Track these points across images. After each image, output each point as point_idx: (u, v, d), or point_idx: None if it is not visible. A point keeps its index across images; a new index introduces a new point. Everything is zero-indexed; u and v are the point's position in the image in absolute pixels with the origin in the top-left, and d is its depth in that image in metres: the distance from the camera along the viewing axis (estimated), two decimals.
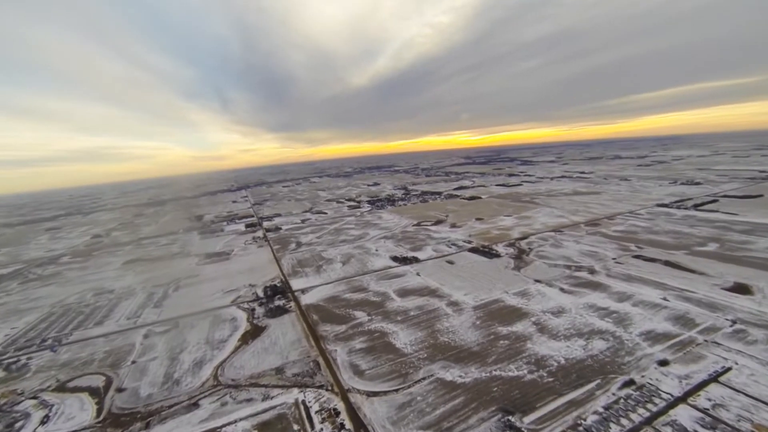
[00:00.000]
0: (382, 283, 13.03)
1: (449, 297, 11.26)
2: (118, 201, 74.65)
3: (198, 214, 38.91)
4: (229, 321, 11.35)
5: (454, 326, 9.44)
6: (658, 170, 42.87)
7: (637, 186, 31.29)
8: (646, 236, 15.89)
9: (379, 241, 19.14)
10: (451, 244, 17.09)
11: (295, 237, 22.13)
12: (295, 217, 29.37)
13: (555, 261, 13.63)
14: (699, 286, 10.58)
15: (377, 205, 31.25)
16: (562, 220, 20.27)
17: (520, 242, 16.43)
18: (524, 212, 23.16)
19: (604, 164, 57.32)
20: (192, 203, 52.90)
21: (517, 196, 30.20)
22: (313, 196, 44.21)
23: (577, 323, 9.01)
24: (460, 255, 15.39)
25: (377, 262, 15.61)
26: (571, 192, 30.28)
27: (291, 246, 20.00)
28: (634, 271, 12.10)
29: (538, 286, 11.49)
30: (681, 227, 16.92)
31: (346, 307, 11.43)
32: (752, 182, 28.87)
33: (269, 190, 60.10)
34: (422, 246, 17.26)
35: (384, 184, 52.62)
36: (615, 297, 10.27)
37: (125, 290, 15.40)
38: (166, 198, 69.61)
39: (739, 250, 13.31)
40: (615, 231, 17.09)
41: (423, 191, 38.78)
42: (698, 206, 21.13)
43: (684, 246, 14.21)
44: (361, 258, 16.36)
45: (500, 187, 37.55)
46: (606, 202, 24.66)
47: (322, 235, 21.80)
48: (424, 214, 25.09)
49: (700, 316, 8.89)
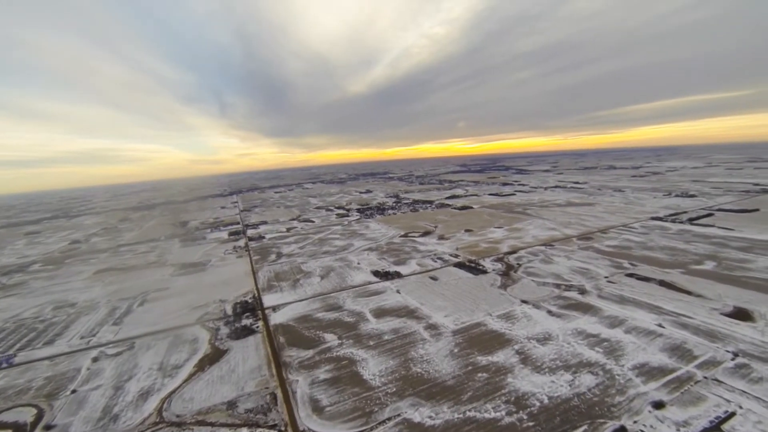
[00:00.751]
0: (359, 301, 12.16)
1: (428, 319, 10.41)
2: (107, 204, 73.30)
3: (184, 219, 37.89)
4: (189, 342, 10.42)
5: (430, 354, 8.59)
6: (653, 181, 42.47)
7: (632, 197, 30.73)
8: (640, 252, 15.17)
9: (363, 253, 18.28)
10: (436, 258, 16.27)
11: (277, 247, 21.23)
12: (280, 225, 28.47)
13: (544, 279, 12.83)
14: (697, 311, 9.81)
15: (366, 214, 30.44)
16: (554, 233, 19.54)
17: (508, 257, 15.65)
18: (515, 224, 22.42)
19: (599, 174, 56.99)
20: (181, 208, 51.82)
21: (510, 206, 29.52)
22: (303, 203, 43.34)
23: (564, 353, 8.19)
24: (445, 270, 14.57)
25: (357, 276, 14.74)
26: (564, 203, 29.65)
27: (271, 257, 19.09)
28: (627, 291, 11.33)
29: (524, 307, 10.68)
30: (676, 243, 16.23)
31: (317, 328, 10.54)
32: (747, 195, 28.38)
33: (260, 196, 59.14)
34: (406, 259, 16.42)
35: (376, 191, 51.86)
36: (606, 322, 9.47)
37: (88, 304, 14.41)
38: (156, 202, 68.44)
39: (738, 270, 12.60)
40: (608, 246, 16.36)
41: (414, 200, 38.04)
42: (693, 220, 20.50)
43: (680, 264, 13.49)
44: (341, 272, 15.49)
45: (493, 196, 36.88)
46: (600, 214, 24.01)
47: (304, 246, 20.92)
48: (412, 225, 24.29)
49: (699, 347, 8.10)
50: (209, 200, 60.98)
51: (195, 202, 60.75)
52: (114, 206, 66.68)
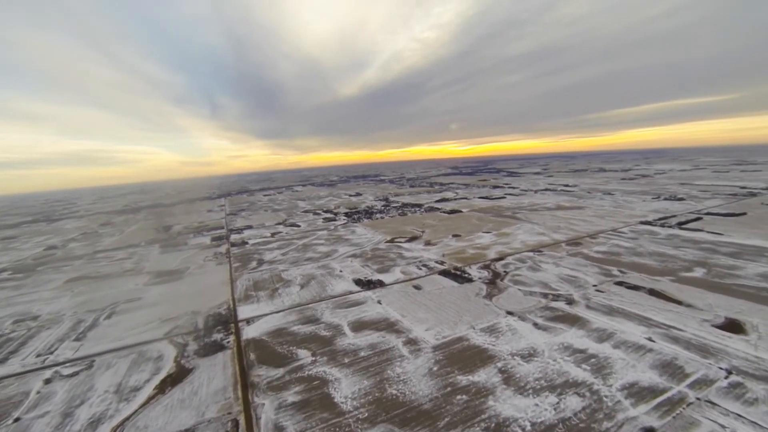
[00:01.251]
0: (338, 313, 11.56)
1: (408, 333, 9.85)
2: (92, 207, 71.59)
3: (168, 224, 36.89)
4: (153, 360, 9.71)
5: (407, 373, 8.02)
6: (642, 184, 42.56)
7: (621, 201, 30.60)
8: (629, 258, 14.81)
9: (347, 260, 17.68)
10: (421, 265, 15.73)
11: (259, 253, 20.51)
12: (265, 230, 27.72)
13: (531, 288, 12.36)
14: (687, 322, 9.40)
15: (354, 218, 29.84)
16: (542, 238, 19.15)
17: (495, 264, 15.17)
18: (504, 228, 22.01)
19: (589, 177, 57.15)
20: (167, 211, 50.67)
21: (499, 210, 29.15)
22: (291, 207, 42.57)
23: (549, 372, 7.68)
24: (429, 279, 14.04)
25: (339, 285, 14.13)
26: (554, 206, 29.38)
27: (251, 264, 18.38)
28: (616, 301, 10.90)
29: (509, 319, 10.18)
30: (665, 248, 15.92)
31: (290, 343, 9.91)
32: (734, 199, 28.41)
33: (249, 199, 58.18)
34: (390, 267, 15.86)
35: (366, 194, 51.27)
36: (594, 336, 9.00)
37: (52, 317, 13.57)
38: (142, 205, 67.02)
39: (728, 277, 12.27)
40: (597, 252, 15.99)
41: (404, 203, 37.53)
42: (682, 224, 20.29)
43: (669, 271, 13.13)
44: (323, 280, 14.87)
45: (483, 200, 36.55)
46: (589, 218, 23.73)
47: (287, 252, 20.24)
48: (399, 230, 23.75)
49: (691, 363, 7.66)
50: (197, 203, 59.82)
51: (182, 205, 59.55)
52: (99, 209, 65.09)
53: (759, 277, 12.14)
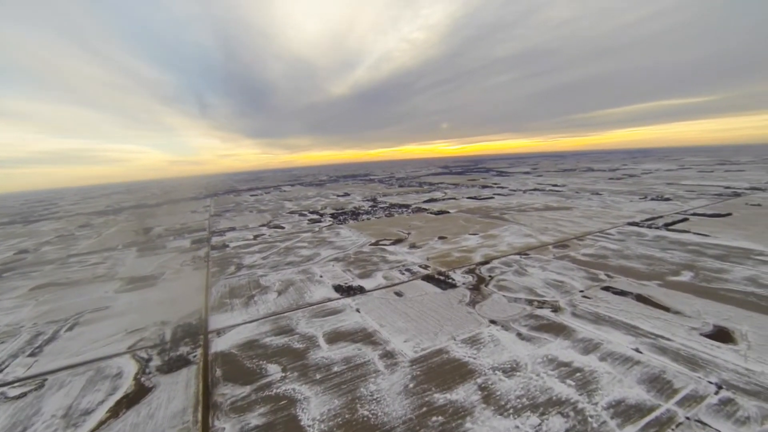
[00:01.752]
0: (314, 323, 10.97)
1: (386, 344, 9.31)
2: (73, 208, 69.58)
3: (149, 225, 35.78)
4: (111, 378, 9.00)
5: (382, 391, 7.48)
6: (629, 184, 42.73)
7: (609, 201, 30.52)
8: (616, 262, 14.50)
9: (328, 264, 17.08)
10: (405, 270, 15.21)
11: (239, 257, 19.78)
12: (248, 232, 26.94)
13: (516, 294, 11.93)
14: (675, 331, 9.04)
15: (339, 219, 29.21)
16: (529, 240, 18.80)
17: (480, 268, 14.73)
18: (491, 230, 21.63)
19: (577, 177, 57.36)
20: (149, 212, 49.34)
21: (487, 210, 28.81)
22: (277, 207, 41.73)
23: (532, 388, 7.21)
24: (411, 284, 13.52)
25: (317, 292, 13.53)
26: (542, 207, 29.15)
27: (230, 269, 17.66)
28: (603, 308, 10.52)
29: (492, 329, 9.71)
30: (653, 251, 15.66)
31: (261, 357, 9.30)
32: (719, 199, 28.53)
33: (235, 199, 57.07)
34: (373, 272, 15.31)
35: (354, 194, 50.63)
36: (580, 347, 8.57)
37: (10, 329, 12.70)
38: (126, 205, 65.34)
39: (715, 281, 12.00)
40: (584, 255, 15.66)
41: (391, 204, 37.01)
42: (669, 226, 20.13)
43: (657, 275, 12.83)
44: (302, 286, 14.25)
45: (471, 200, 36.22)
46: (577, 219, 23.49)
47: (268, 256, 19.54)
48: (384, 231, 23.21)
49: (679, 377, 7.26)
50: (181, 204, 58.49)
51: (166, 205, 58.17)
52: (80, 210, 63.26)
53: (746, 281, 11.89)
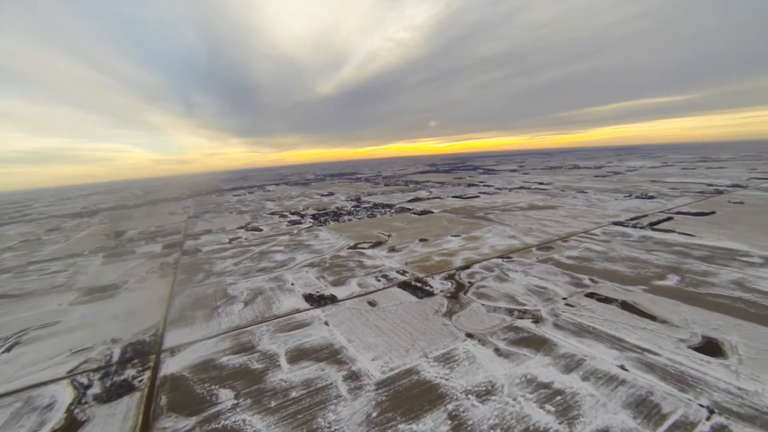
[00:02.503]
0: (278, 338, 10.08)
1: (352, 363, 8.48)
2: (47, 210, 66.93)
3: (122, 228, 34.25)
4: (40, 411, 7.97)
5: (341, 421, 6.66)
6: (614, 181, 42.72)
7: (594, 199, 30.23)
8: (601, 265, 13.95)
9: (303, 269, 16.17)
10: (381, 276, 14.41)
11: (211, 263, 18.70)
12: (225, 235, 25.79)
13: (496, 302, 11.23)
14: (663, 343, 8.43)
15: (320, 221, 28.26)
16: (513, 242, 18.18)
17: (460, 274, 14.01)
18: (475, 231, 20.97)
19: (563, 174, 57.37)
20: (126, 214, 47.53)
21: (471, 210, 28.20)
22: (258, 208, 40.50)
23: (507, 416, 6.48)
24: (386, 293, 12.72)
25: (287, 302, 12.63)
26: (527, 206, 28.68)
27: (198, 276, 16.60)
28: (586, 317, 9.88)
29: (468, 344, 8.97)
30: (638, 252, 15.18)
31: (214, 380, 8.38)
32: (702, 197, 28.47)
33: (217, 200, 55.49)
34: (347, 279, 14.46)
35: (338, 194, 49.62)
36: (561, 364, 7.89)
37: None
38: (103, 207, 63.09)
39: (702, 285, 11.50)
40: (568, 257, 15.08)
41: (375, 203, 36.18)
42: (654, 225, 19.76)
43: (642, 279, 12.28)
44: (271, 296, 13.33)
45: (456, 199, 35.61)
46: (562, 218, 23.02)
47: (241, 261, 18.52)
48: (365, 234, 22.37)
49: (668, 400, 6.61)
50: (161, 205, 56.66)
51: (145, 207, 56.26)
52: (53, 212, 60.81)
53: (733, 285, 11.41)
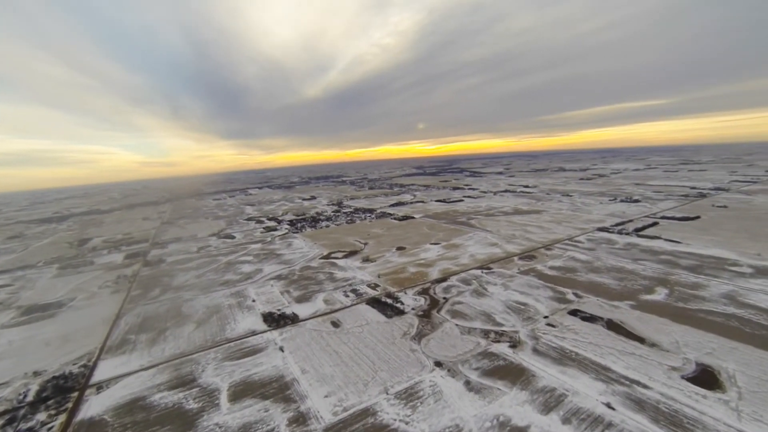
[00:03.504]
0: (224, 369, 8.84)
1: (302, 402, 7.31)
2: (16, 215, 63.79)
3: (88, 236, 32.33)
4: None
5: None
6: (599, 185, 42.46)
7: (579, 203, 29.66)
8: (586, 276, 13.07)
9: (268, 283, 14.92)
10: (350, 291, 13.26)
11: (171, 276, 17.28)
12: (194, 243, 24.30)
13: (471, 322, 10.19)
14: (653, 372, 7.49)
15: (297, 227, 26.98)
16: (494, 250, 17.25)
17: (436, 287, 12.96)
18: (455, 238, 20.00)
19: (549, 177, 57.17)
20: (97, 220, 45.32)
21: (454, 215, 27.28)
22: (236, 213, 38.92)
23: None
24: (354, 310, 11.57)
25: (244, 322, 11.38)
26: (511, 210, 27.90)
27: (154, 292, 15.19)
28: (569, 340, 8.91)
29: (436, 375, 7.89)
30: (624, 261, 14.38)
31: (140, 426, 7.11)
32: (686, 200, 28.14)
33: (196, 204, 53.55)
34: (314, 294, 13.27)
35: (321, 197, 48.30)
36: (540, 401, 6.86)
37: None
38: (76, 211, 60.43)
39: (692, 300, 10.68)
40: (551, 268, 14.19)
41: (356, 208, 35.02)
42: (639, 231, 19.09)
43: (629, 293, 11.42)
44: (227, 315, 12.05)
45: (439, 203, 34.71)
46: (546, 224, 22.24)
47: (204, 274, 17.14)
48: (341, 241, 21.19)
49: None
50: (137, 209, 54.46)
51: (119, 211, 53.95)
52: (22, 217, 57.90)
53: (725, 299, 10.62)
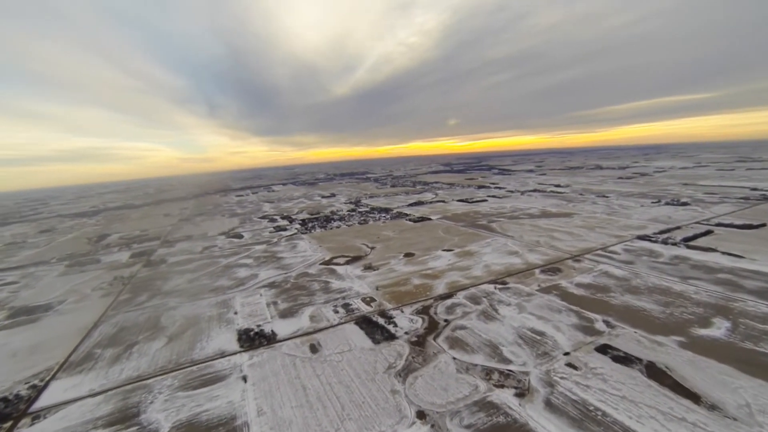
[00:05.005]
0: (175, 401, 7.57)
1: None
2: (59, 208, 67.46)
3: (109, 232, 32.90)
4: None
5: None
6: (640, 184, 38.53)
7: (616, 205, 26.58)
8: (620, 299, 10.82)
9: (258, 291, 13.69)
10: (342, 305, 11.72)
11: (166, 279, 16.51)
12: (201, 243, 23.72)
13: (473, 355, 8.37)
14: None
15: (307, 227, 25.83)
16: (513, 260, 15.16)
17: (438, 305, 11.17)
18: (471, 244, 18.00)
19: (583, 176, 53.11)
20: (125, 215, 46.64)
21: (474, 217, 25.13)
22: (253, 210, 38.52)
23: None
24: (339, 331, 10.03)
25: (216, 340, 10.14)
26: (538, 213, 25.36)
27: (142, 297, 14.39)
28: (594, 391, 6.92)
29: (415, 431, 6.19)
30: (670, 280, 11.94)
31: None
32: (746, 204, 24.41)
33: (218, 200, 54.11)
34: (302, 307, 11.85)
35: (340, 195, 47.17)
36: None
37: None
38: (111, 206, 63.05)
39: (765, 340, 8.29)
40: (579, 285, 12.00)
41: (372, 207, 33.47)
42: (689, 241, 16.30)
43: (677, 325, 9.15)
44: (203, 329, 10.88)
45: (461, 203, 32.50)
46: (576, 229, 19.72)
47: (199, 278, 16.23)
48: (347, 245, 19.72)
49: None
50: (164, 205, 55.81)
51: (148, 207, 55.54)
52: (63, 211, 61.02)
53: None
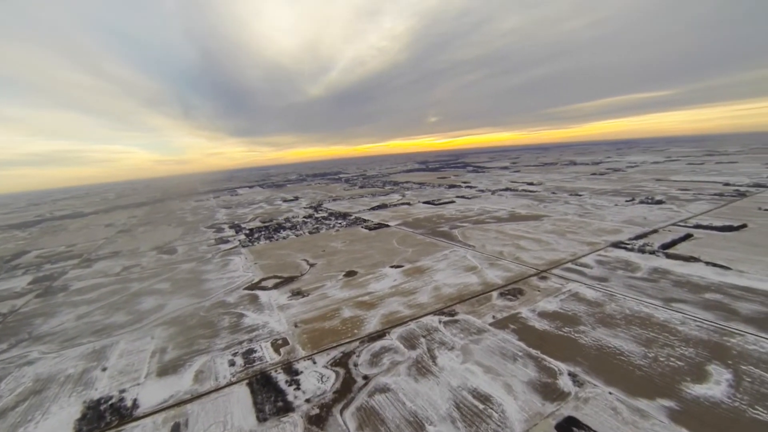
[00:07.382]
0: None
1: None
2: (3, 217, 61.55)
3: (30, 248, 28.96)
4: None
5: None
6: (613, 181, 37.35)
7: (589, 205, 24.86)
8: (591, 335, 8.61)
9: (152, 332, 10.86)
10: (243, 353, 9.05)
11: (53, 314, 13.40)
12: (125, 261, 20.49)
13: None
14: None
15: (253, 238, 22.94)
16: (469, 279, 12.86)
17: (363, 351, 8.65)
18: (425, 257, 15.64)
19: (557, 172, 51.98)
20: (62, 226, 42.17)
21: (436, 222, 22.83)
22: (205, 218, 35.14)
23: None
24: (221, 399, 7.34)
25: (51, 420, 7.30)
26: (506, 216, 23.31)
27: (9, 341, 11.29)
28: None
29: None
30: (651, 305, 9.86)
31: None
32: (722, 201, 23.08)
33: (174, 206, 50.09)
34: (193, 356, 9.12)
35: (304, 198, 44.15)
36: None
37: None
38: (57, 215, 57.77)
39: None
40: (542, 315, 9.76)
41: (331, 213, 30.74)
42: (668, 248, 14.44)
43: (663, 378, 6.95)
44: (43, 401, 8.00)
45: (427, 205, 30.21)
46: (545, 236, 17.67)
47: (93, 311, 13.20)
48: (286, 261, 17.01)
49: None
50: (113, 213, 51.31)
51: (94, 215, 50.89)
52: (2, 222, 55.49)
53: None
